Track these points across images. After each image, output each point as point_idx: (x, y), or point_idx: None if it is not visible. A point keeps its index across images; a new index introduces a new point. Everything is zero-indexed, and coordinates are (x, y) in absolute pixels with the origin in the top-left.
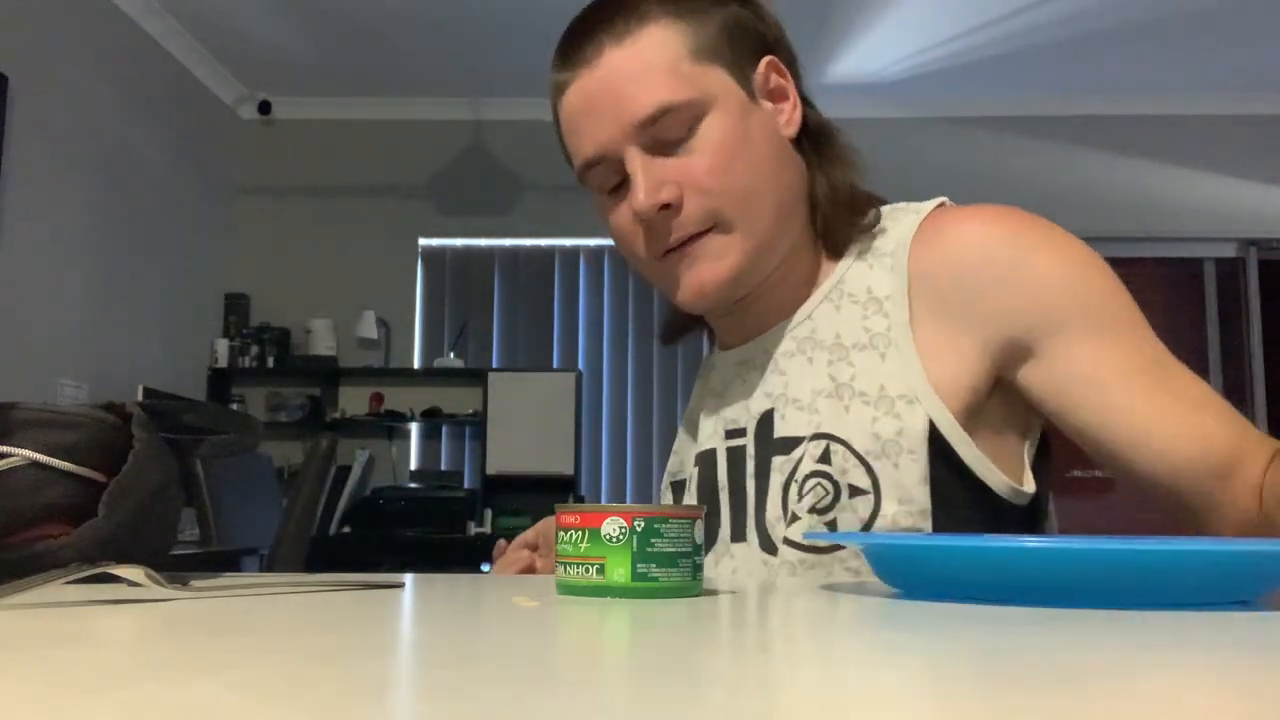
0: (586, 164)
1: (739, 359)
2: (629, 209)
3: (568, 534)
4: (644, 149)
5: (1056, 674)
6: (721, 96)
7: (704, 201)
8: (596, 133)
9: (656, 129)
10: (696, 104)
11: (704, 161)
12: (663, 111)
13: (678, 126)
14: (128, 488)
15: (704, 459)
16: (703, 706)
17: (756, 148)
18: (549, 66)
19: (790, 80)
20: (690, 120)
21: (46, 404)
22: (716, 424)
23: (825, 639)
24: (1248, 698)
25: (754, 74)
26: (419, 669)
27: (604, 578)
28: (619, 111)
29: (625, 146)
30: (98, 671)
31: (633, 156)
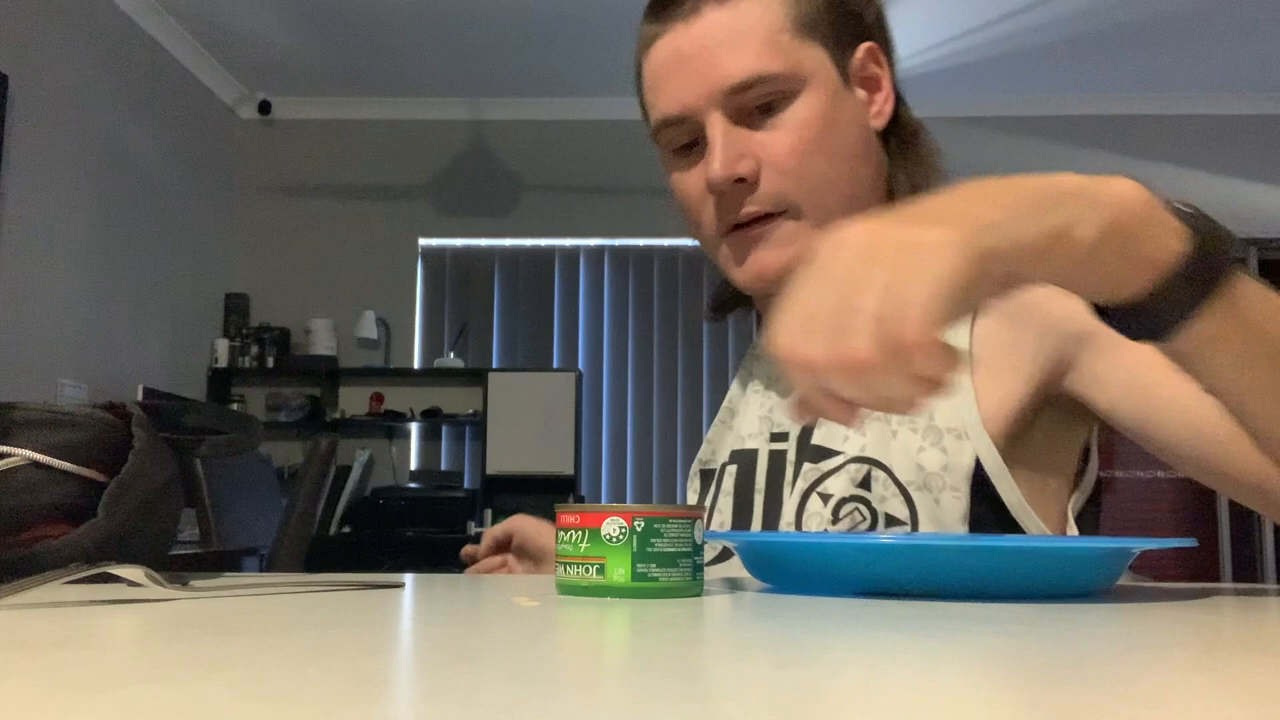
0: (665, 121)
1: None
2: (701, 176)
3: (568, 534)
4: (727, 116)
5: (1064, 668)
6: (816, 75)
7: (780, 183)
8: (682, 91)
9: (744, 97)
10: (790, 78)
11: (787, 140)
12: (756, 81)
13: (764, 98)
14: (128, 488)
15: (743, 457)
16: (703, 706)
17: (842, 136)
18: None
19: (886, 70)
20: (780, 94)
21: (46, 404)
22: (761, 423)
23: (825, 639)
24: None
25: (852, 57)
26: (419, 669)
27: (604, 578)
28: (709, 73)
29: (709, 110)
30: (98, 671)
31: (715, 122)
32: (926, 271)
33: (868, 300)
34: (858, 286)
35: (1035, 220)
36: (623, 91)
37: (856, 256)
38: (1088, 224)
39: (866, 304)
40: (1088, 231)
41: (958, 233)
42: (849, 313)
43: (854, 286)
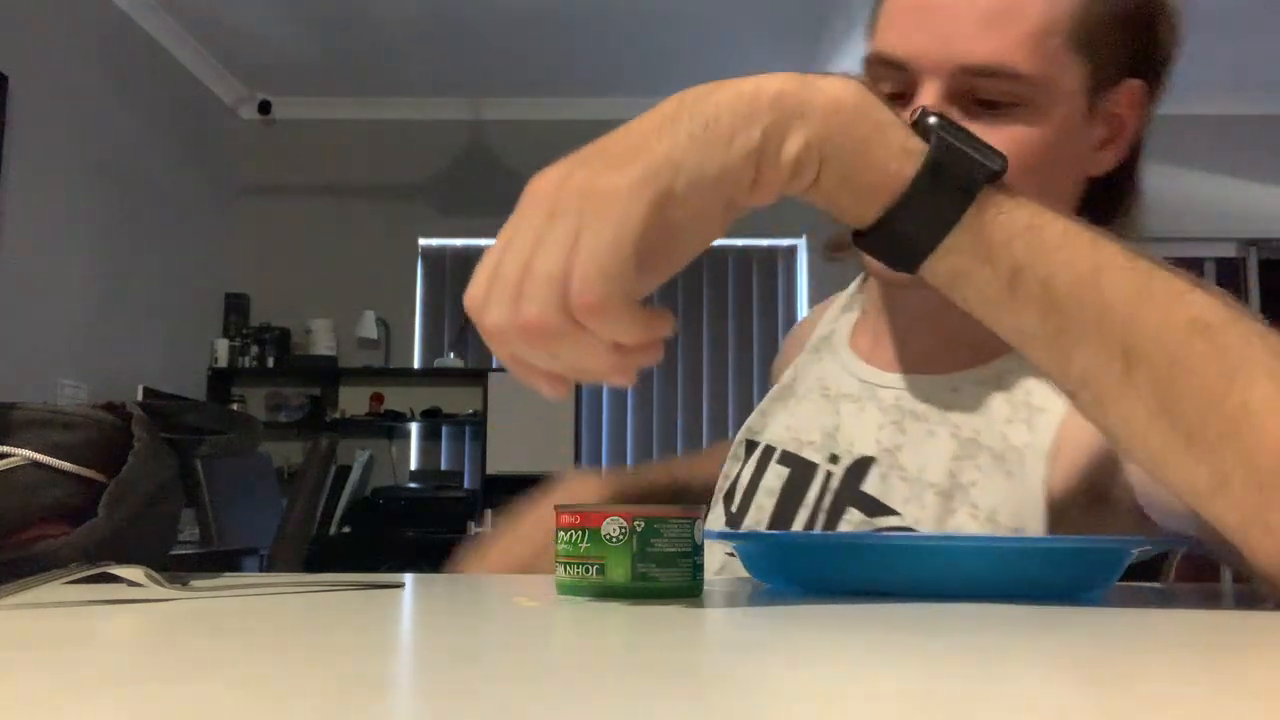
0: (880, 57)
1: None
2: None
3: (567, 534)
4: (946, 90)
5: (1064, 668)
6: (1062, 99)
7: None
8: (916, 40)
9: (975, 82)
10: (1036, 88)
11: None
12: (998, 72)
13: (997, 95)
14: (128, 488)
15: (799, 466)
16: (703, 706)
17: (1052, 172)
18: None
19: (1140, 119)
20: (1015, 98)
21: (46, 404)
22: (824, 437)
23: (825, 639)
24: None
25: (1113, 90)
26: (419, 669)
27: (604, 578)
28: (951, 40)
29: (930, 76)
30: (98, 671)
31: (929, 92)
32: (604, 225)
33: (544, 260)
34: (539, 244)
35: (723, 146)
36: (623, 92)
37: (542, 209)
38: (792, 139)
39: (542, 264)
40: (790, 148)
41: (638, 173)
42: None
43: (535, 244)
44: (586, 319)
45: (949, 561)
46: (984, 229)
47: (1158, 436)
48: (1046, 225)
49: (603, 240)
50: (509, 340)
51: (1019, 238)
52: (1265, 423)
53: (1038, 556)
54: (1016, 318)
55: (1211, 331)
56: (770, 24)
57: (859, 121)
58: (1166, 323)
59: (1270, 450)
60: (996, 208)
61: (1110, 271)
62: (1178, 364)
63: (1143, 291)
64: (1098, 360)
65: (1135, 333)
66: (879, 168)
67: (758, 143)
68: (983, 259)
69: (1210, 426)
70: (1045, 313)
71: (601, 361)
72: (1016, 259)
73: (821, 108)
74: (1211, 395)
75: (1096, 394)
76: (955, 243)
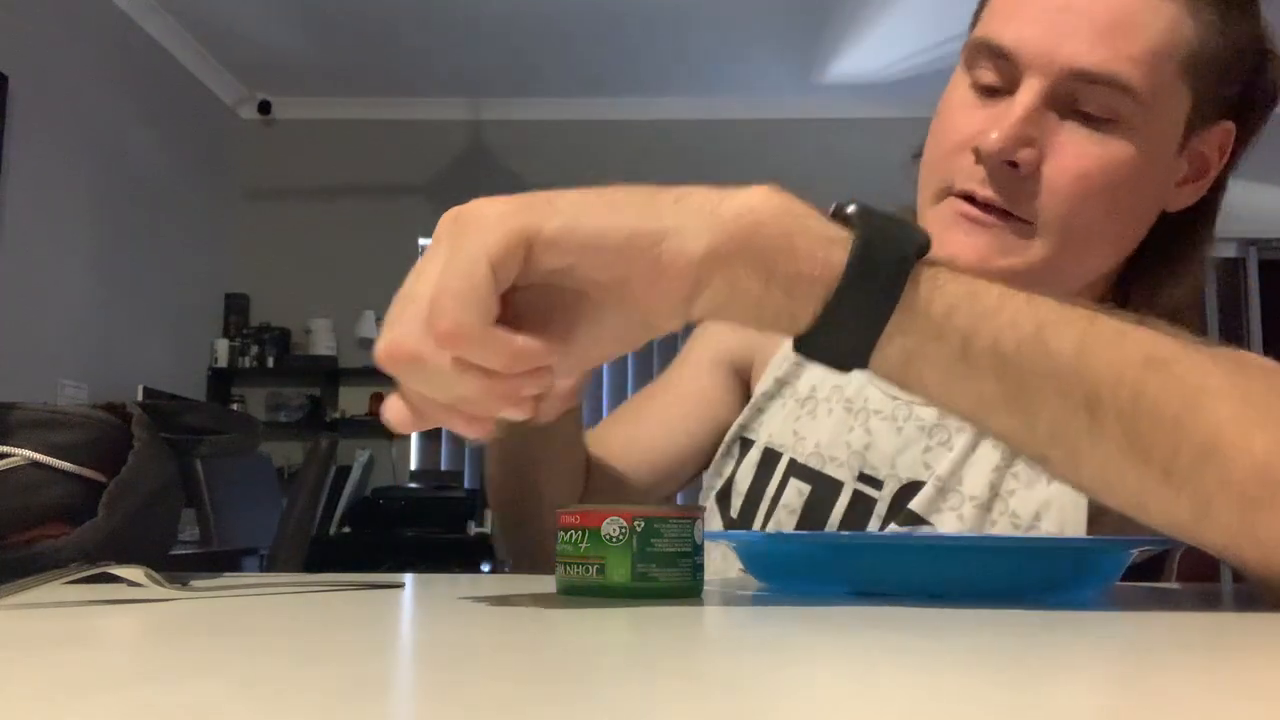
0: (985, 44)
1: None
2: (978, 123)
3: (568, 534)
4: (1047, 92)
5: (1064, 668)
6: (1161, 125)
7: (1042, 199)
8: (1029, 32)
9: (1079, 89)
10: (1138, 108)
11: (1083, 162)
12: (1107, 82)
13: (1098, 108)
14: (128, 488)
15: (822, 483)
16: (703, 706)
17: (1134, 198)
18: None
19: (1225, 162)
20: (1115, 114)
21: (46, 404)
22: (851, 454)
23: (825, 639)
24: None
25: (1208, 128)
26: (419, 669)
27: (604, 577)
28: (1068, 40)
29: (1035, 74)
30: (98, 671)
31: (1030, 89)
32: (464, 249)
33: (416, 284)
34: (420, 272)
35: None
36: (623, 92)
37: (435, 236)
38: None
39: (412, 288)
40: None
41: (513, 205)
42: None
43: (418, 272)
44: (443, 343)
45: (948, 562)
46: (927, 304)
47: (1134, 477)
48: (982, 291)
49: (459, 264)
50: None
51: (960, 308)
52: (1235, 441)
53: (1037, 556)
54: (975, 386)
55: (1167, 364)
56: (770, 24)
57: (780, 218)
58: (1121, 363)
59: (1245, 466)
60: (932, 281)
61: (1054, 325)
62: (1140, 400)
63: (1090, 338)
64: (1062, 413)
65: (1092, 379)
66: (806, 257)
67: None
68: (932, 335)
69: (1183, 455)
70: (1000, 376)
71: (475, 389)
72: (962, 329)
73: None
74: (1179, 424)
75: (1068, 449)
76: (900, 323)
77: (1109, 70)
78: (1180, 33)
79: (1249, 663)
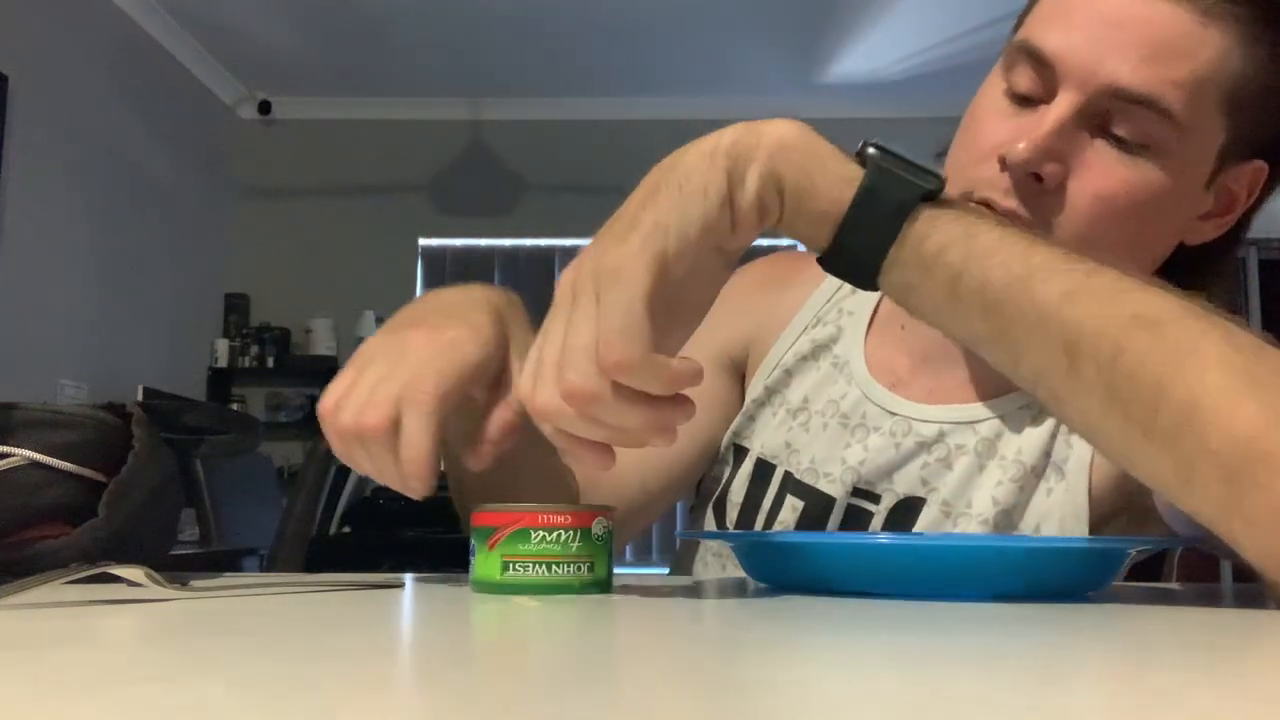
0: (1027, 50)
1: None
2: (1008, 129)
3: (554, 533)
4: (1083, 107)
5: (1064, 668)
6: (1195, 156)
7: (1064, 216)
8: (1073, 42)
9: (1116, 107)
10: (1174, 135)
11: (1109, 184)
12: (1146, 103)
13: (1131, 129)
14: (128, 488)
15: (813, 498)
16: (703, 706)
17: (1156, 225)
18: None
19: (1251, 201)
20: (1148, 138)
21: (46, 404)
22: (845, 470)
23: (825, 639)
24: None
25: (1237, 164)
26: (419, 669)
27: (594, 574)
28: (1113, 56)
29: (1072, 86)
30: (98, 671)
31: (1065, 103)
32: (616, 293)
33: (575, 335)
34: (569, 325)
35: (699, 200)
36: (623, 92)
37: (567, 298)
38: (750, 179)
39: (574, 339)
40: (750, 187)
41: (636, 242)
42: (565, 351)
43: (566, 327)
44: (616, 374)
45: (947, 562)
46: (921, 242)
47: (1115, 429)
48: (981, 233)
49: (618, 306)
50: (558, 416)
51: (954, 247)
52: (1217, 411)
53: (1035, 556)
54: (963, 322)
55: (1158, 325)
56: (770, 24)
57: (803, 155)
58: (1106, 317)
59: (1227, 438)
60: (931, 222)
61: (1045, 272)
62: (1121, 356)
63: (1079, 290)
64: (1042, 358)
65: (1073, 329)
66: (823, 195)
67: (726, 188)
68: (924, 270)
69: (1162, 415)
70: (986, 315)
71: (639, 418)
72: (953, 267)
73: (768, 147)
74: (1159, 385)
75: (1050, 390)
76: (896, 257)
77: (1150, 93)
78: (1228, 65)
79: (1249, 663)
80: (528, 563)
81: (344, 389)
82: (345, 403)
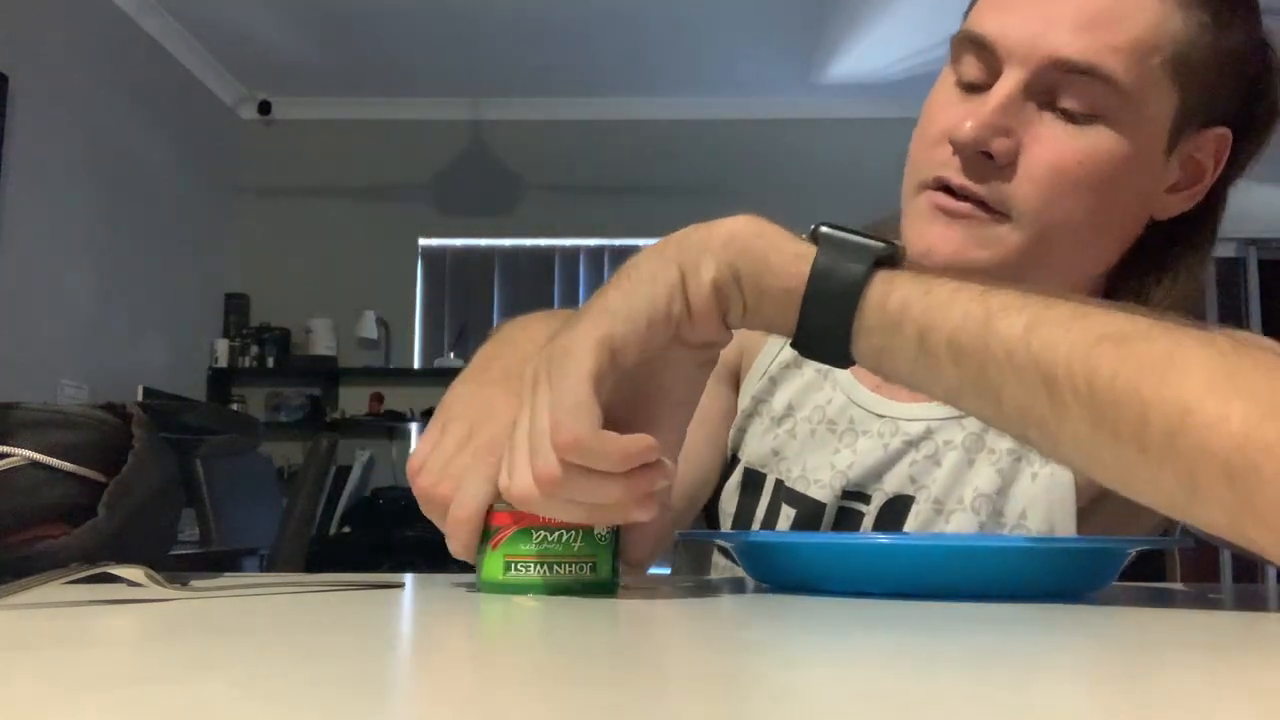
0: (968, 37)
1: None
2: (955, 115)
3: (555, 533)
4: (1027, 84)
5: (1064, 668)
6: (1148, 120)
7: (1021, 190)
8: (1009, 23)
9: (1061, 80)
10: (1122, 101)
11: (1061, 155)
12: (1088, 73)
13: (1079, 100)
14: (128, 488)
15: (805, 505)
16: (703, 707)
17: (1116, 195)
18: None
19: (1220, 170)
20: (1096, 107)
21: (46, 404)
22: (834, 474)
23: (825, 639)
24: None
25: (1198, 132)
26: (419, 669)
27: (595, 574)
28: (1050, 30)
29: (1015, 65)
30: (98, 671)
31: (1009, 81)
32: (565, 376)
33: (537, 420)
34: (534, 412)
35: (646, 286)
36: (623, 92)
37: (529, 383)
38: (704, 269)
39: (537, 423)
40: (705, 276)
41: (585, 325)
42: (534, 438)
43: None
44: (567, 455)
45: (947, 562)
46: (882, 305)
47: (1109, 451)
48: (936, 288)
49: (565, 386)
50: (536, 503)
51: (914, 303)
52: (1208, 413)
53: (1033, 556)
54: (938, 376)
55: (1126, 338)
56: (770, 24)
57: (756, 239)
58: (1071, 343)
59: (1222, 436)
60: (888, 282)
61: (1004, 312)
62: (1096, 375)
63: (1041, 320)
64: (1020, 394)
65: (1045, 359)
66: (779, 272)
67: (676, 277)
68: (890, 331)
69: (1153, 428)
70: (957, 363)
71: (613, 494)
72: (918, 322)
73: (721, 238)
74: (1140, 397)
75: (1038, 429)
76: (862, 324)
77: (1091, 60)
78: (1167, 28)
79: (1249, 663)
80: (530, 562)
81: (429, 449)
82: (428, 465)
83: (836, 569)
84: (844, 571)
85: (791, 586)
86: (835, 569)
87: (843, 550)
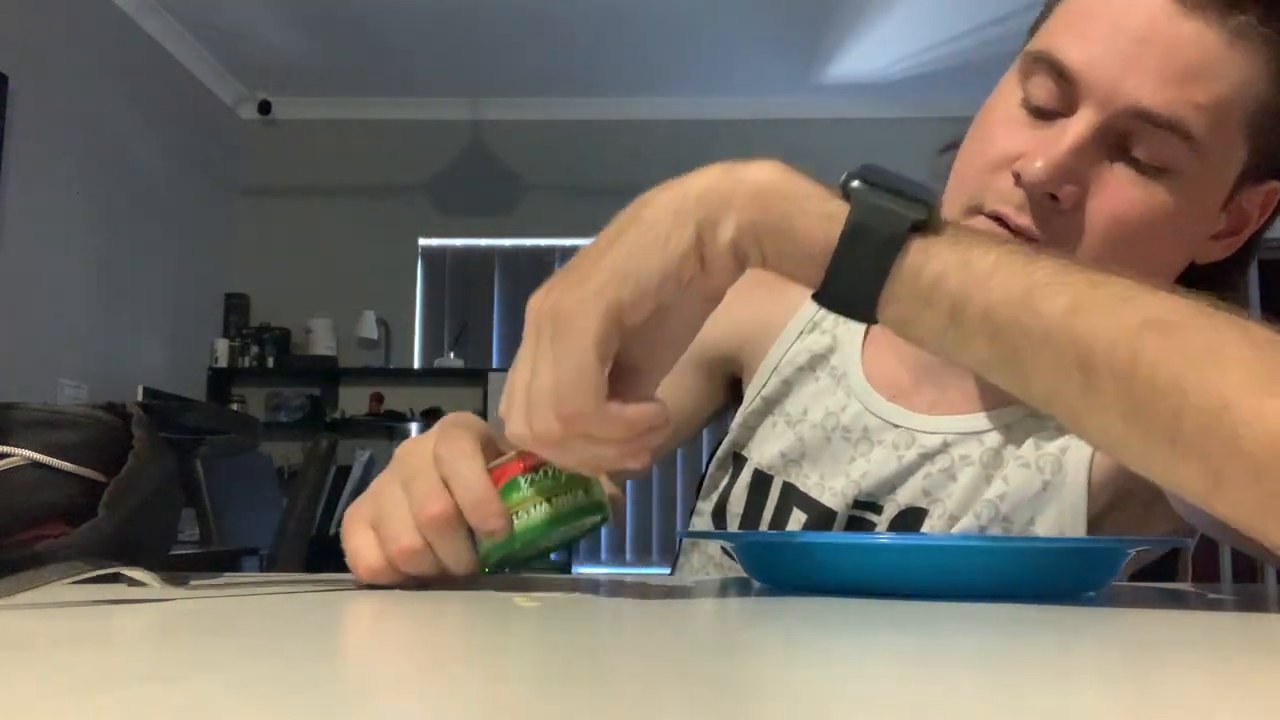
0: (1047, 60)
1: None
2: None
3: (539, 470)
4: (1103, 126)
5: (1064, 668)
6: (1212, 179)
7: (1074, 236)
8: (1098, 57)
9: (1138, 130)
10: (1195, 160)
11: (1126, 207)
12: (1170, 126)
13: (1151, 152)
14: (128, 488)
15: (815, 511)
16: (704, 707)
17: (1165, 249)
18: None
19: (1264, 222)
20: (1168, 160)
21: (46, 404)
22: (848, 483)
23: (825, 639)
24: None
25: (1254, 186)
26: (418, 669)
27: (590, 497)
28: (1138, 75)
29: (1093, 105)
30: (98, 671)
31: (1083, 121)
32: (567, 344)
33: (538, 378)
34: (534, 364)
35: (659, 248)
36: (623, 92)
37: (532, 331)
38: (723, 229)
39: (538, 382)
40: (723, 236)
41: (591, 289)
42: (531, 392)
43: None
44: (571, 429)
45: (947, 562)
46: (916, 275)
47: (1139, 441)
48: (977, 258)
49: (570, 358)
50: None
51: (951, 275)
52: (1244, 409)
53: (1033, 556)
54: (968, 349)
55: (1171, 328)
56: (770, 24)
57: (780, 200)
58: (1116, 326)
59: (1257, 433)
60: (924, 251)
61: (1048, 288)
62: (1137, 364)
63: (1085, 302)
64: (1054, 377)
65: (1083, 342)
66: (804, 238)
67: (692, 239)
68: (922, 303)
69: (1186, 420)
70: (991, 340)
71: (609, 454)
72: (953, 296)
73: (744, 195)
74: (1180, 389)
75: (1066, 409)
76: (892, 292)
77: (1173, 115)
78: (1253, 88)
79: (1249, 663)
80: (529, 506)
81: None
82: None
83: (837, 569)
84: (844, 571)
85: (792, 586)
86: (835, 569)
87: (843, 550)
